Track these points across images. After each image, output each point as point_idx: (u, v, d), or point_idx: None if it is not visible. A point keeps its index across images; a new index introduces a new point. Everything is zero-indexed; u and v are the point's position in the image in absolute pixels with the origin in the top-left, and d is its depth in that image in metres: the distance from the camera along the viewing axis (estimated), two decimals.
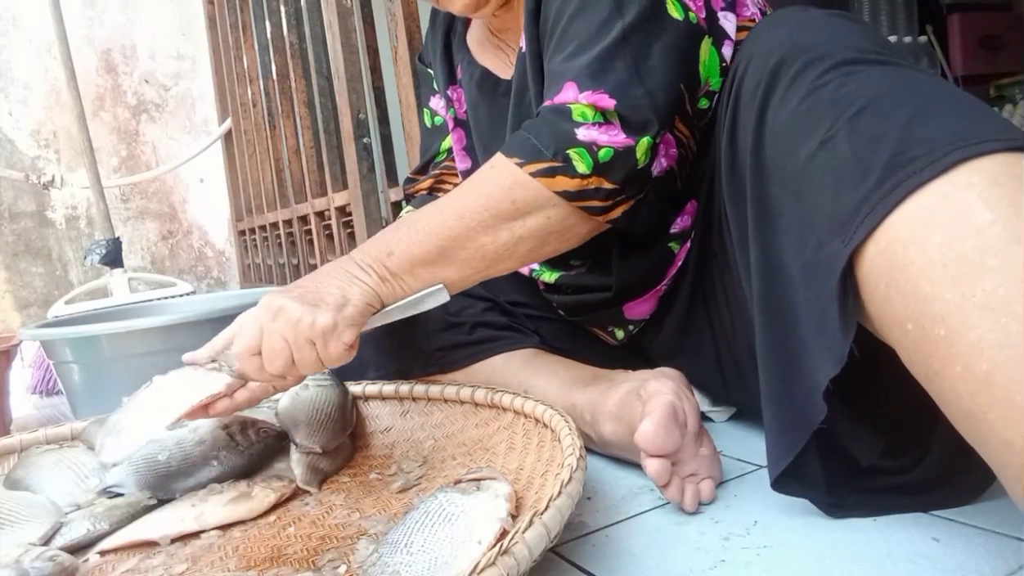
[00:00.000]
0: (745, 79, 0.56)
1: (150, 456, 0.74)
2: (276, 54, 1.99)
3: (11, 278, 2.30)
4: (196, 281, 2.58)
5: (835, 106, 0.48)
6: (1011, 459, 0.39)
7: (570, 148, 0.61)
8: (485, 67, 0.84)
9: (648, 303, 0.80)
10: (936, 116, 0.45)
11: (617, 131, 0.61)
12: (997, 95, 2.29)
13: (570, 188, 0.62)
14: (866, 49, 0.51)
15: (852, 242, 0.45)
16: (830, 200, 0.47)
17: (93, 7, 2.42)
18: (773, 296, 0.54)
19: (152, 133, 2.53)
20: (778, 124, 0.52)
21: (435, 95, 0.95)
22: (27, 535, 0.63)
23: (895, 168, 0.44)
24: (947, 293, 0.40)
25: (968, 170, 0.42)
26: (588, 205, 0.63)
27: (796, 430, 0.53)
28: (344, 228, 1.62)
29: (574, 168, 0.61)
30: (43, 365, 1.66)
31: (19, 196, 2.31)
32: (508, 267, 0.68)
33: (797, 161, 0.50)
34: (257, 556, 0.59)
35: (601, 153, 0.61)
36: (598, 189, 0.62)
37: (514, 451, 0.71)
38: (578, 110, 0.61)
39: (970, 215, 0.41)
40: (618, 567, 0.55)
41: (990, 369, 0.39)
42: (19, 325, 2.28)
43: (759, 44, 0.56)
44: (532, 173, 0.62)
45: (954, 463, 0.54)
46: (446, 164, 0.95)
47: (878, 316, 0.46)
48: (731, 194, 0.60)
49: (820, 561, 0.52)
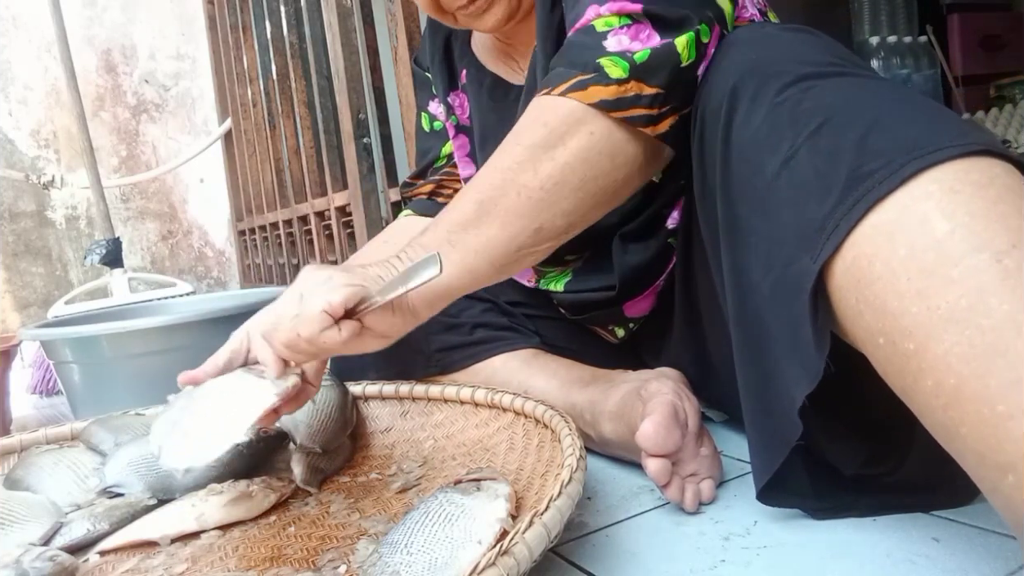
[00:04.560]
0: (708, 101, 0.55)
1: (150, 456, 0.74)
2: (276, 54, 1.99)
3: (11, 278, 2.30)
4: (196, 281, 2.58)
5: (794, 123, 0.48)
6: (985, 473, 0.39)
7: (601, 58, 0.56)
8: (495, 74, 0.84)
9: (647, 300, 0.81)
10: (892, 125, 0.45)
11: (649, 31, 0.56)
12: (997, 95, 2.29)
13: (607, 97, 0.55)
14: (822, 61, 0.51)
15: (820, 259, 0.45)
16: (796, 218, 0.47)
17: (93, 7, 2.42)
18: (745, 314, 0.54)
19: (152, 133, 2.53)
20: (743, 144, 0.52)
21: (433, 100, 0.94)
22: (27, 535, 0.63)
23: (856, 182, 0.44)
24: (913, 307, 0.40)
25: (925, 180, 0.42)
26: (632, 115, 0.56)
27: (775, 446, 0.53)
28: (344, 228, 1.62)
29: (607, 75, 0.55)
30: (43, 365, 1.66)
31: (19, 196, 2.31)
32: (563, 210, 0.58)
33: (763, 180, 0.49)
34: (257, 556, 0.59)
35: (637, 56, 0.56)
36: (639, 96, 0.56)
37: (514, 451, 0.71)
38: (601, 22, 0.57)
39: (929, 227, 0.41)
40: (618, 567, 0.55)
41: (958, 383, 0.38)
42: (19, 325, 2.28)
43: (718, 66, 0.56)
44: (562, 92, 0.57)
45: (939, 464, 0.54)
46: (447, 169, 0.94)
47: (851, 330, 0.46)
48: (703, 213, 0.60)
49: (820, 561, 0.52)
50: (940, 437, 0.42)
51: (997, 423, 0.37)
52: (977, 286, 0.38)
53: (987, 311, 0.38)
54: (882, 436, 0.57)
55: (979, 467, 0.39)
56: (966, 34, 2.32)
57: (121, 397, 1.12)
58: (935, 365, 0.39)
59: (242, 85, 2.25)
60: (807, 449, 0.53)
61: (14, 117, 2.30)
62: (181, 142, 2.56)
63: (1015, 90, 2.23)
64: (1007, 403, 0.36)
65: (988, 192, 0.41)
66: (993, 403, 0.37)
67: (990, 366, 0.37)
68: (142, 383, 1.16)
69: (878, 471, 0.57)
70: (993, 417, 0.37)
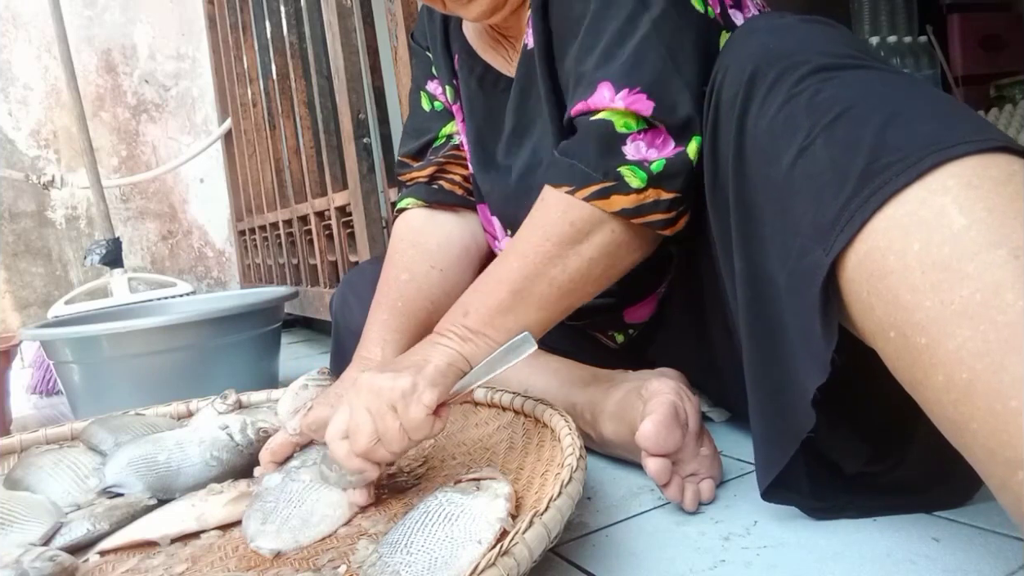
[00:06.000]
0: (723, 90, 0.55)
1: (150, 456, 0.74)
2: (276, 54, 1.98)
3: (11, 278, 2.30)
4: (196, 281, 2.58)
5: (812, 113, 0.48)
6: (995, 469, 0.39)
7: (620, 167, 0.59)
8: (486, 61, 0.84)
9: (648, 306, 0.80)
10: (910, 120, 0.45)
11: (665, 139, 0.59)
12: (997, 95, 2.29)
13: (628, 205, 0.59)
14: (840, 53, 0.51)
15: (832, 251, 0.45)
16: (811, 209, 0.47)
17: (93, 7, 2.42)
18: (759, 305, 0.54)
19: (152, 133, 2.53)
20: (758, 133, 0.51)
21: (433, 80, 0.92)
22: (27, 535, 0.63)
23: (871, 176, 0.43)
24: (926, 301, 0.40)
25: (943, 175, 0.41)
26: (650, 220, 0.60)
27: (785, 440, 0.53)
28: (344, 228, 1.62)
29: (627, 185, 0.59)
30: (43, 365, 1.66)
31: (19, 196, 2.31)
32: (589, 293, 0.64)
33: (779, 170, 0.49)
34: (257, 556, 0.59)
35: (654, 166, 0.59)
36: (657, 202, 0.59)
37: (514, 451, 0.71)
38: (620, 121, 0.59)
39: (946, 220, 0.40)
40: (618, 567, 0.55)
41: (971, 378, 0.38)
42: (19, 325, 2.28)
43: (735, 53, 0.56)
44: (585, 198, 0.60)
45: (941, 463, 0.54)
46: (449, 152, 0.90)
47: (862, 324, 0.46)
48: (714, 204, 0.60)
49: (820, 561, 0.52)
50: (949, 433, 0.42)
51: (1009, 419, 0.37)
52: (993, 281, 0.38)
53: (1002, 307, 0.37)
54: (882, 435, 0.57)
55: (989, 463, 0.39)
56: (966, 34, 2.32)
57: (121, 397, 1.12)
58: (947, 360, 0.39)
59: (242, 85, 2.25)
60: (805, 448, 0.53)
61: (14, 117, 2.30)
62: (181, 142, 2.56)
63: (1015, 90, 2.23)
64: (1020, 399, 0.36)
65: (1006, 188, 0.40)
66: (1006, 399, 0.37)
67: (1004, 362, 0.37)
68: (142, 383, 1.17)
69: (877, 469, 0.57)
70: (1005, 412, 0.37)
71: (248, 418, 0.79)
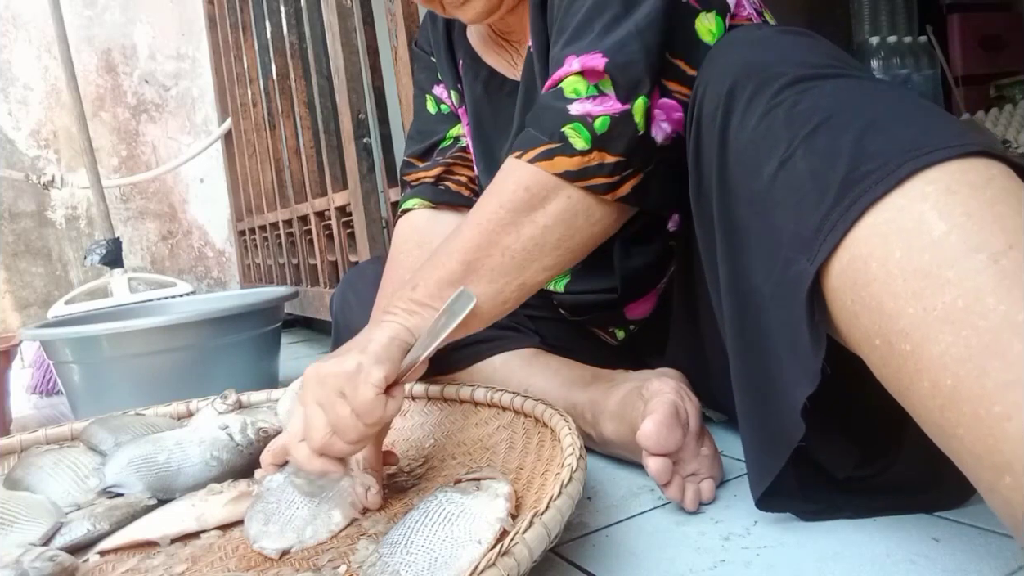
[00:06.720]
0: (704, 103, 0.56)
1: (150, 456, 0.74)
2: (276, 54, 1.98)
3: (11, 278, 2.30)
4: (196, 281, 2.58)
5: (791, 125, 0.48)
6: (983, 473, 0.39)
7: (565, 126, 0.59)
8: (490, 66, 0.84)
9: (648, 302, 0.81)
10: (888, 127, 0.45)
11: (610, 99, 0.58)
12: (997, 95, 2.29)
13: (571, 168, 0.59)
14: (819, 63, 0.51)
15: (816, 261, 0.45)
16: (794, 220, 0.47)
17: (93, 7, 2.42)
18: (745, 316, 0.54)
19: (152, 133, 2.53)
20: (739, 147, 0.52)
21: (439, 84, 0.93)
22: (27, 535, 0.63)
23: (851, 184, 0.44)
24: (909, 308, 0.40)
25: (921, 181, 0.42)
26: (593, 184, 0.59)
27: (776, 449, 0.53)
28: (344, 228, 1.62)
29: (571, 146, 0.59)
30: (43, 365, 1.66)
31: (19, 196, 2.31)
32: (543, 266, 0.62)
33: (761, 182, 0.50)
34: (257, 556, 0.59)
35: (597, 124, 0.58)
36: (601, 164, 0.59)
37: (514, 450, 0.71)
38: (570, 86, 0.59)
39: (925, 227, 0.41)
40: (618, 567, 0.55)
41: (955, 384, 0.38)
42: (19, 325, 2.28)
43: (714, 67, 0.56)
44: (531, 160, 0.60)
45: (933, 466, 0.54)
46: (456, 153, 0.91)
47: (848, 332, 0.46)
48: (699, 216, 0.60)
49: (820, 561, 0.52)
50: (936, 438, 0.42)
51: (993, 424, 0.37)
52: (974, 287, 0.38)
53: (984, 312, 0.38)
54: (872, 439, 0.57)
55: (976, 468, 0.39)
56: (966, 34, 2.32)
57: (121, 397, 1.13)
58: (931, 366, 0.39)
59: (242, 85, 2.25)
60: (795, 454, 0.53)
61: (14, 117, 2.30)
62: (181, 142, 2.56)
63: (1015, 90, 2.23)
64: (1004, 404, 0.36)
65: (985, 193, 0.41)
66: (989, 404, 0.37)
67: (986, 367, 0.37)
68: (142, 383, 1.17)
69: (867, 473, 0.57)
70: (989, 418, 0.37)
71: (248, 418, 0.79)
